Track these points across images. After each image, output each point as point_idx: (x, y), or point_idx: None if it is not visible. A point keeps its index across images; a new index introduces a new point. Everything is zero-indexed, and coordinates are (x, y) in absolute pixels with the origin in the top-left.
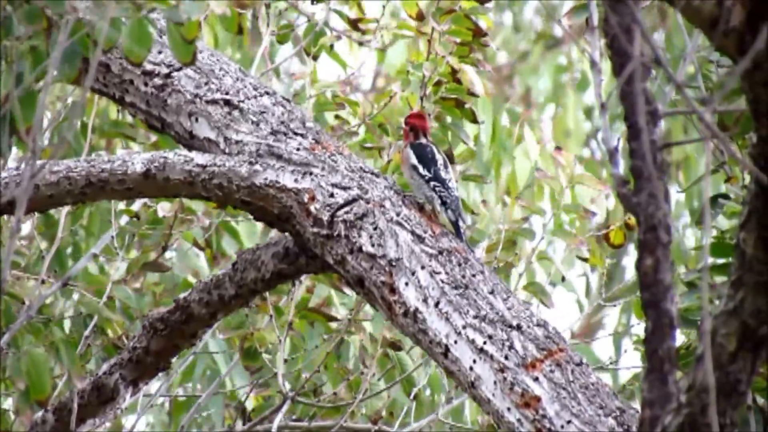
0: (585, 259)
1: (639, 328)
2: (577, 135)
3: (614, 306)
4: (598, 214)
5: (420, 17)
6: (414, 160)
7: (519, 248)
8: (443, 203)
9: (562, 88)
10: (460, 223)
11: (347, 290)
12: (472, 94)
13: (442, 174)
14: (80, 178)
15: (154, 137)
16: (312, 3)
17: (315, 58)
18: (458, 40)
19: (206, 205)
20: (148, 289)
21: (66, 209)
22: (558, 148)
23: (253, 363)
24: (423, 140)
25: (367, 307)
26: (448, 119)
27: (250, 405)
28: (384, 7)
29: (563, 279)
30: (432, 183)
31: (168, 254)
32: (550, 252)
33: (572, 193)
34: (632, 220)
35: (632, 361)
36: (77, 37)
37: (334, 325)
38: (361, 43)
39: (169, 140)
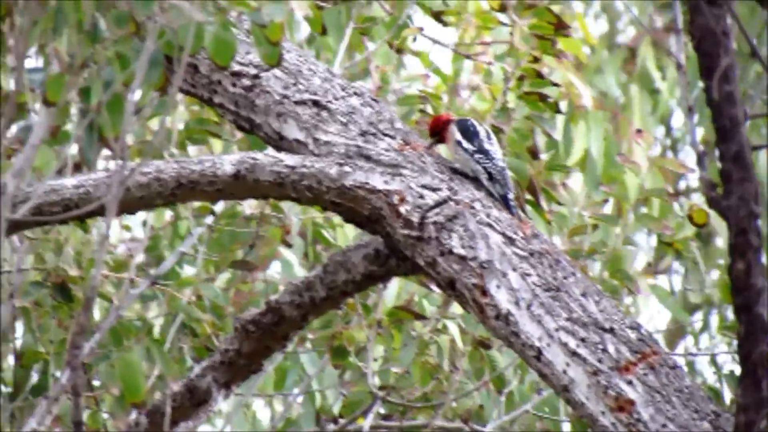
0: (669, 244)
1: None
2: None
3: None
4: (681, 196)
5: (502, 9)
6: (458, 135)
7: (603, 235)
8: (490, 177)
9: (626, 88)
10: (509, 196)
11: (434, 288)
12: (555, 84)
13: (486, 145)
14: (170, 180)
15: (239, 134)
16: None
17: (399, 51)
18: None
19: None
20: (236, 288)
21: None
22: (639, 131)
23: (342, 362)
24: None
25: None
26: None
27: (339, 405)
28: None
29: (649, 265)
30: (477, 156)
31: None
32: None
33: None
34: None
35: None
36: (162, 41)
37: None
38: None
39: (258, 141)
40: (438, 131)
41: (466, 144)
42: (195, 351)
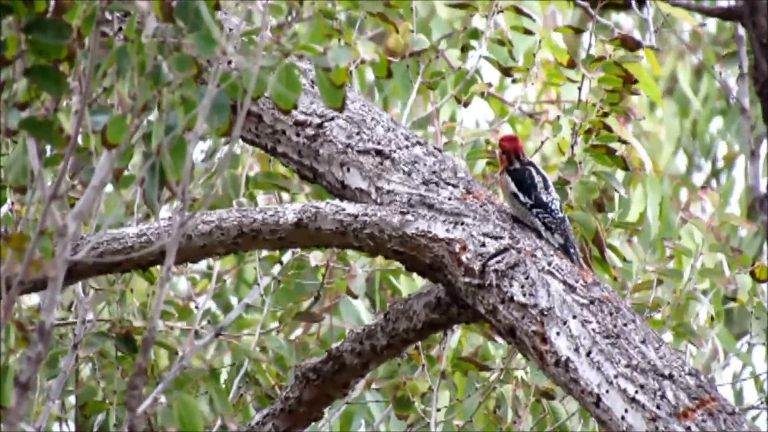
0: (733, 299)
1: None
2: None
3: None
4: (744, 252)
5: (571, 65)
6: (513, 188)
7: (666, 290)
8: (548, 228)
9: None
10: (570, 247)
11: (498, 339)
12: (623, 141)
13: (543, 197)
14: (232, 228)
15: (307, 188)
16: (462, 51)
17: (466, 105)
18: (609, 87)
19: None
20: (301, 340)
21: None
22: (703, 187)
23: (406, 412)
24: (518, 164)
25: (520, 357)
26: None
27: None
28: (535, 55)
29: (712, 319)
30: (535, 210)
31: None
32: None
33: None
34: None
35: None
36: (226, 84)
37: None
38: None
39: (322, 190)
40: (508, 152)
41: (523, 198)
42: (258, 400)
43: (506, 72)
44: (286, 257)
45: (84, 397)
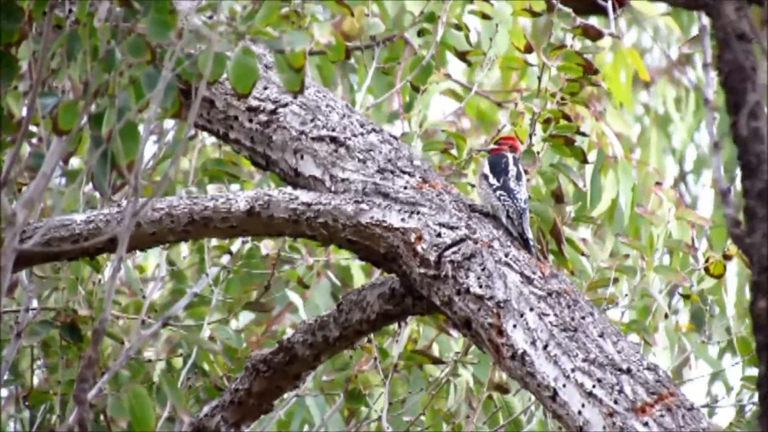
0: (687, 296)
1: (733, 369)
2: (661, 178)
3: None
4: (699, 249)
5: (528, 49)
6: (486, 169)
7: (620, 286)
8: (508, 216)
9: (646, 129)
10: (528, 236)
11: (454, 332)
12: (581, 134)
13: (511, 184)
14: (183, 216)
15: (258, 176)
16: (418, 35)
17: (417, 90)
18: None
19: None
20: (248, 330)
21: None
22: (658, 183)
23: (357, 405)
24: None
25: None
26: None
27: None
28: (492, 39)
29: (666, 317)
30: (498, 192)
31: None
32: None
33: (678, 228)
34: (731, 251)
35: (729, 401)
36: (181, 68)
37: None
38: (468, 88)
39: (275, 178)
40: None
41: (492, 179)
42: (206, 392)
43: (462, 57)
44: (236, 247)
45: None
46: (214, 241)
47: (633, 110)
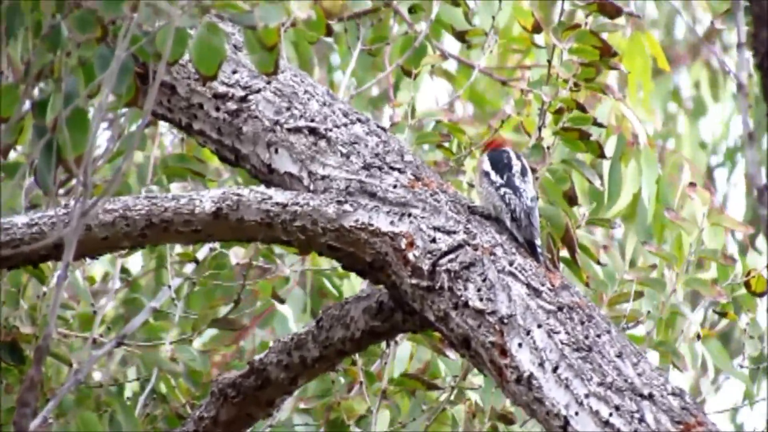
0: (723, 314)
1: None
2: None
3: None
4: (738, 260)
5: (537, 29)
6: (487, 166)
7: (647, 302)
8: (513, 218)
9: (672, 118)
10: (536, 241)
11: (450, 353)
12: (598, 125)
13: (516, 181)
14: (140, 218)
15: (226, 173)
16: (410, 12)
17: (408, 74)
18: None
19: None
20: (216, 350)
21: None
22: (692, 184)
23: None
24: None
25: (475, 373)
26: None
27: None
28: (494, 17)
29: (699, 337)
30: (503, 190)
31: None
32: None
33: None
34: None
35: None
36: (136, 47)
37: (436, 393)
38: (471, 66)
39: (245, 175)
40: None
41: (494, 176)
42: (167, 421)
43: (461, 37)
44: (203, 254)
45: None
46: (178, 248)
47: (654, 98)
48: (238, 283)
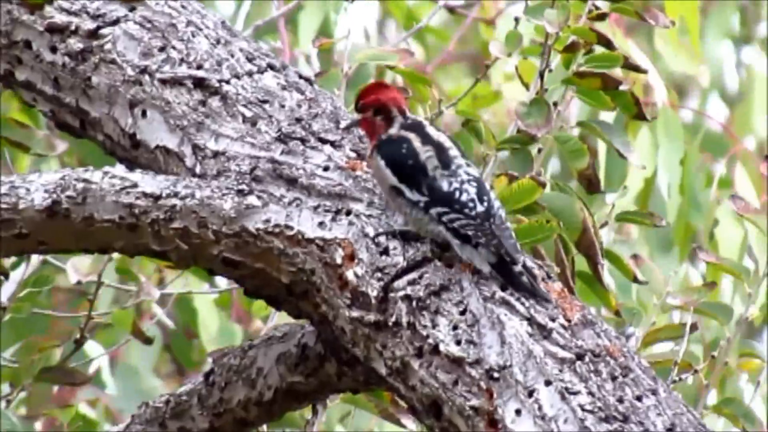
0: None
1: None
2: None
3: None
4: None
5: None
6: (392, 178)
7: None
8: (464, 240)
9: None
10: (519, 259)
11: (410, 421)
12: (634, 68)
13: (444, 183)
14: None
15: (63, 145)
16: None
17: None
18: None
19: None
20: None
21: None
22: None
23: None
24: (396, 129)
25: None
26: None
27: None
28: None
29: None
30: (434, 211)
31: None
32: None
33: None
34: None
35: None
36: None
37: None
38: None
39: (96, 150)
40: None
41: (410, 192)
42: None
43: None
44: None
45: None
46: None
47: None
48: (83, 314)
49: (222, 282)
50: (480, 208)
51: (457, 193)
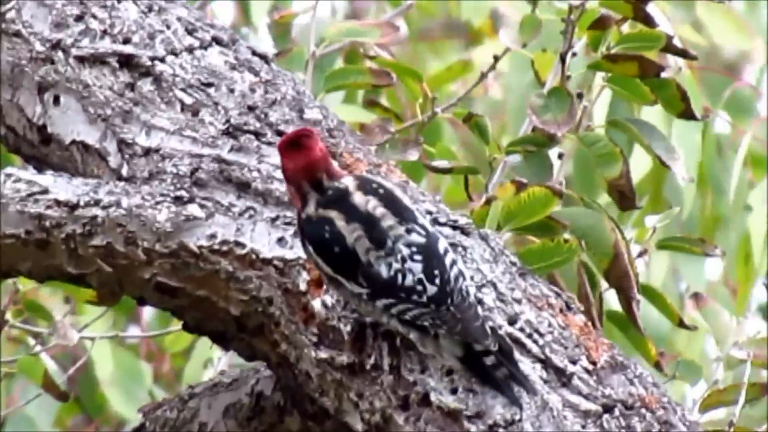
0: None
1: None
2: None
3: None
4: None
5: None
6: (326, 268)
7: None
8: (423, 331)
9: None
10: (490, 350)
11: None
12: (683, 54)
13: (383, 269)
14: None
15: None
16: None
17: None
18: None
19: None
20: None
21: None
22: None
23: None
24: (312, 207)
25: None
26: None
27: None
28: None
29: None
30: (380, 303)
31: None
32: None
33: None
34: None
35: None
36: None
37: None
38: None
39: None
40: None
41: (348, 284)
42: None
43: None
44: None
45: None
46: None
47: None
48: None
49: None
50: (431, 290)
51: (400, 278)
